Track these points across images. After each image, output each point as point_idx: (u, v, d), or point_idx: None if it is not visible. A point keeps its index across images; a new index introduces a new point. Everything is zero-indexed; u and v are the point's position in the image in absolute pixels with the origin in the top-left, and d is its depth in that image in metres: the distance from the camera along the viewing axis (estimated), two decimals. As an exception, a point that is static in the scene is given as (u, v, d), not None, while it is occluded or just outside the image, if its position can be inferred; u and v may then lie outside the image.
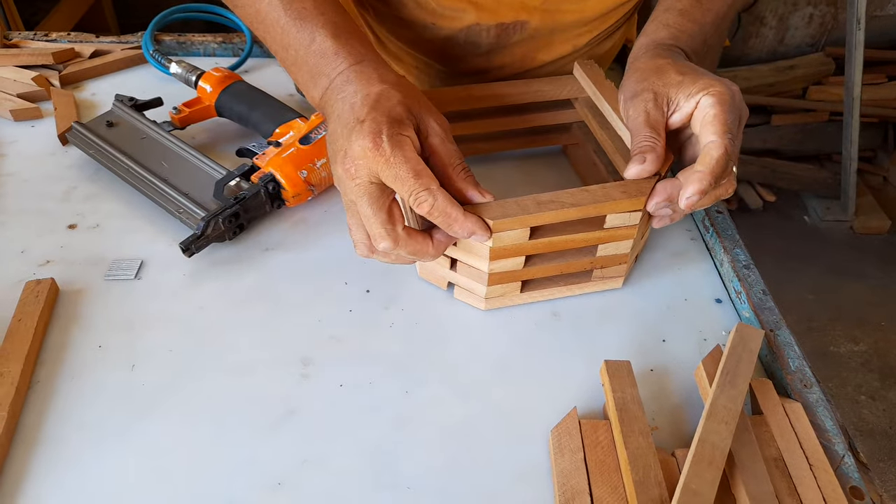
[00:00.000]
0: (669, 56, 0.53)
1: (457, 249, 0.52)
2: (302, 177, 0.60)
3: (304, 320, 0.54)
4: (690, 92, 0.49)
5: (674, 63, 0.52)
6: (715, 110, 0.48)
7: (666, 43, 0.56)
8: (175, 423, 0.46)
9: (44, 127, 0.72)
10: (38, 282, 0.53)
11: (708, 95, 0.49)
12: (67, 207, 0.62)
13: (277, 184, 0.60)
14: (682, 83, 0.50)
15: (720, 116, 0.48)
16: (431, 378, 0.50)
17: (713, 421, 0.44)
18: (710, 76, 0.50)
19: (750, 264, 0.59)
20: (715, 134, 0.48)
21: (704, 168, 0.47)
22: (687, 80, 0.50)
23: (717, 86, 0.49)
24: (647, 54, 0.55)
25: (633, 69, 0.54)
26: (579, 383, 0.51)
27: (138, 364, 0.50)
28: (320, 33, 0.50)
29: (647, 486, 0.42)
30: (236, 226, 0.59)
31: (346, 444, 0.46)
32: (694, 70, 0.51)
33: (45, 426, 0.46)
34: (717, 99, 0.48)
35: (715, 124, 0.48)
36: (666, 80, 0.51)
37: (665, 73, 0.51)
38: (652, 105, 0.51)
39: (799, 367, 0.51)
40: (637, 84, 0.52)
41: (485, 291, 0.53)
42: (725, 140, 0.47)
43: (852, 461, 0.46)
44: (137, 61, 0.82)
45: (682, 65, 0.52)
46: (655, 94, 0.51)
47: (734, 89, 0.50)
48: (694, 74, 0.50)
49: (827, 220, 2.10)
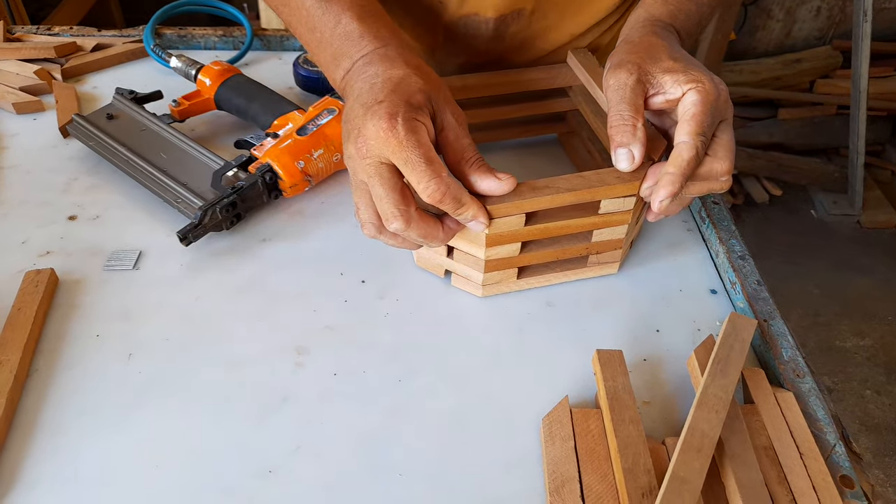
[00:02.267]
0: (664, 36, 0.52)
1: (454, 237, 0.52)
2: (299, 167, 0.61)
3: (299, 310, 0.54)
4: (679, 80, 0.49)
5: (668, 46, 0.51)
6: (696, 109, 0.47)
7: (663, 20, 0.55)
8: (170, 412, 0.47)
9: (45, 120, 0.72)
10: (38, 272, 0.54)
11: (694, 91, 0.48)
12: (68, 199, 0.63)
13: (274, 174, 0.60)
14: (671, 69, 0.49)
15: (698, 117, 0.47)
16: (425, 367, 0.51)
17: (703, 409, 0.44)
18: (702, 69, 0.50)
19: (745, 255, 0.59)
20: (688, 135, 0.47)
21: (675, 170, 0.47)
22: (678, 66, 0.49)
23: (705, 82, 0.48)
24: (642, 29, 0.54)
25: (624, 41, 0.53)
26: (572, 372, 0.51)
27: (135, 353, 0.50)
28: (346, 16, 0.50)
29: (636, 474, 0.42)
30: (233, 215, 0.59)
31: (338, 432, 0.46)
32: (686, 58, 0.51)
33: (43, 414, 0.46)
34: (701, 97, 0.47)
35: (691, 123, 0.47)
36: (656, 59, 0.50)
37: (656, 52, 0.50)
38: (634, 80, 0.49)
39: (792, 356, 0.51)
40: (625, 55, 0.51)
41: (482, 278, 0.54)
42: (697, 142, 0.47)
43: (843, 450, 0.46)
44: (139, 55, 0.83)
45: (675, 50, 0.51)
46: (640, 70, 0.49)
47: (721, 88, 0.49)
48: (686, 62, 0.50)
49: (834, 214, 2.09)
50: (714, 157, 0.49)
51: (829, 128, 2.14)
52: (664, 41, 0.52)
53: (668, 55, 0.50)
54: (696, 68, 0.50)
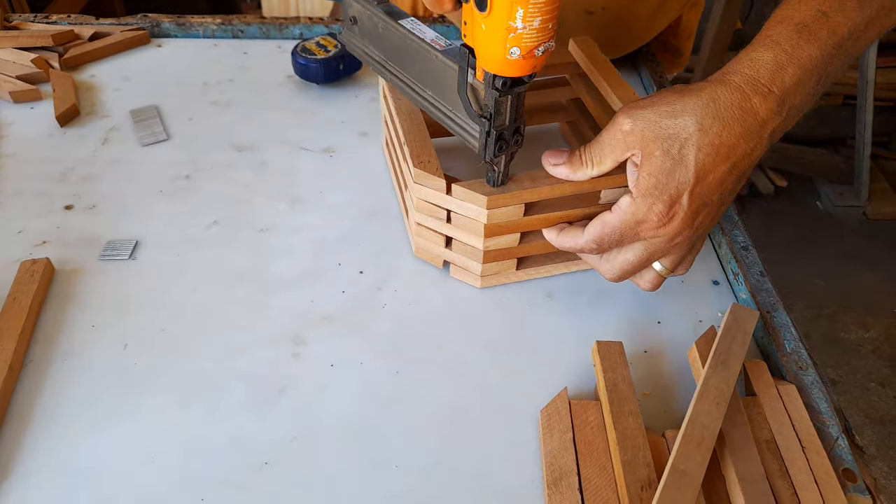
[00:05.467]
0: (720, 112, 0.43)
1: (451, 227, 0.52)
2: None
3: (296, 301, 0.54)
4: (634, 179, 0.45)
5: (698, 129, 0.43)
6: (610, 216, 0.46)
7: (759, 81, 0.43)
8: (167, 403, 0.47)
9: (42, 109, 0.72)
10: (34, 261, 0.53)
11: (628, 197, 0.46)
12: (65, 188, 0.63)
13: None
14: (649, 168, 0.44)
15: (604, 226, 0.47)
16: (422, 358, 0.50)
17: (704, 401, 0.43)
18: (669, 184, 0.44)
19: (748, 245, 0.58)
20: (587, 233, 0.48)
21: (558, 237, 0.50)
22: (655, 172, 0.44)
23: (644, 200, 0.44)
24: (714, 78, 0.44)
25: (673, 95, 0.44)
26: (571, 364, 0.50)
27: (131, 344, 0.50)
28: None
29: (636, 467, 0.41)
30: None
31: (335, 424, 0.46)
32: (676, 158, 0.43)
33: (38, 404, 0.46)
34: (622, 210, 0.45)
35: (597, 226, 0.47)
36: (650, 152, 0.44)
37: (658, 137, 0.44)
38: (623, 148, 0.45)
39: (795, 348, 0.50)
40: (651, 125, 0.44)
41: (480, 269, 0.53)
42: (585, 246, 0.48)
43: (846, 444, 0.45)
44: (137, 42, 0.82)
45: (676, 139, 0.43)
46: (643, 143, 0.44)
47: (650, 217, 0.44)
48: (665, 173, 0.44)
49: (839, 205, 2.07)
50: (605, 262, 0.49)
51: (834, 118, 2.11)
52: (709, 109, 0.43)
53: (662, 150, 0.43)
54: (661, 181, 0.44)
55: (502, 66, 0.42)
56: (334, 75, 0.73)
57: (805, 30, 0.43)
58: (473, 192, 0.48)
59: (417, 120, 0.54)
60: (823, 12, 0.43)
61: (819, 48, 0.43)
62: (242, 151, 0.68)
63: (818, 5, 0.44)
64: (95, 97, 0.74)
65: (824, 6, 0.43)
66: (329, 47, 0.73)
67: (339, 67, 0.72)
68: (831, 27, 0.43)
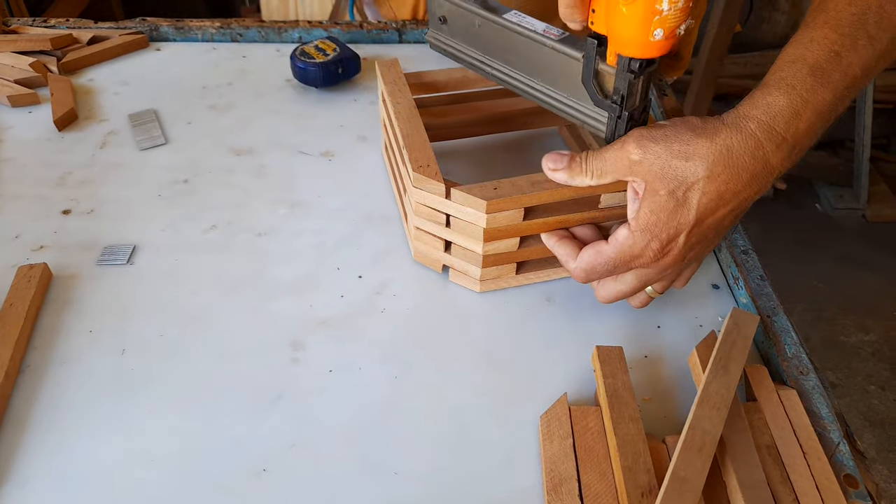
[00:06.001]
0: (724, 157, 0.42)
1: (451, 231, 0.52)
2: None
3: (295, 306, 0.53)
4: (636, 209, 0.45)
5: (706, 174, 0.43)
6: (607, 248, 0.46)
7: (775, 129, 0.42)
8: (164, 408, 0.46)
9: (41, 113, 0.72)
10: (31, 266, 0.53)
11: (625, 229, 0.46)
12: (62, 193, 0.62)
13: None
14: (650, 202, 0.44)
15: (599, 256, 0.47)
16: (421, 363, 0.50)
17: (705, 407, 0.43)
18: (672, 219, 0.44)
19: (748, 249, 0.58)
20: (582, 260, 0.48)
21: (560, 248, 0.50)
22: (655, 208, 0.44)
23: (643, 234, 0.44)
24: (724, 119, 0.43)
25: (684, 122, 0.44)
26: (572, 369, 0.50)
27: (129, 349, 0.50)
28: None
29: (636, 473, 0.41)
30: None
31: (333, 430, 0.46)
32: (678, 200, 0.43)
33: (36, 410, 0.46)
34: (620, 242, 0.46)
35: (592, 255, 0.47)
36: (654, 190, 0.44)
37: (673, 173, 0.43)
38: (627, 168, 0.45)
39: (795, 353, 0.50)
40: (656, 154, 0.44)
41: (479, 273, 0.53)
42: (580, 272, 0.48)
43: (847, 449, 0.45)
44: (136, 46, 0.82)
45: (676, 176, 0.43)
46: (647, 175, 0.44)
47: (646, 253, 0.45)
48: (667, 210, 0.44)
49: (839, 208, 2.07)
50: (599, 286, 0.50)
51: (834, 121, 2.11)
52: (721, 156, 0.42)
53: (668, 190, 0.43)
54: (662, 215, 0.44)
55: (644, 48, 0.42)
56: (333, 79, 0.73)
57: (819, 72, 0.42)
58: (472, 196, 0.48)
59: (416, 124, 0.54)
60: (836, 52, 0.43)
61: (832, 91, 0.42)
62: (241, 155, 0.67)
63: (831, 45, 0.43)
64: (94, 101, 0.74)
65: (837, 45, 0.43)
66: (328, 51, 0.72)
67: (337, 71, 0.72)
68: (844, 68, 0.43)
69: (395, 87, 0.58)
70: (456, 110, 0.64)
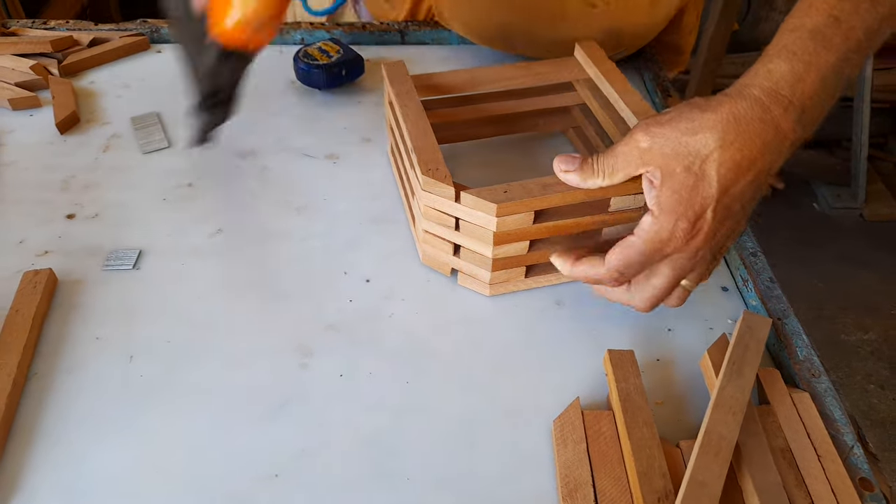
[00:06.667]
0: (752, 119, 0.42)
1: (460, 235, 0.51)
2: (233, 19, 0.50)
3: (303, 310, 0.53)
4: (656, 196, 0.44)
5: (718, 141, 0.42)
6: (633, 239, 0.45)
7: (779, 93, 0.42)
8: (173, 415, 0.46)
9: (42, 116, 0.71)
10: (36, 272, 0.52)
11: (650, 216, 0.44)
12: (66, 197, 0.62)
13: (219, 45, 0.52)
14: (668, 187, 0.43)
15: (626, 251, 0.45)
16: (432, 368, 0.50)
17: (720, 411, 0.43)
18: (694, 199, 0.43)
19: (757, 252, 0.58)
20: (609, 260, 0.46)
21: (576, 271, 0.49)
22: (674, 188, 0.43)
23: (666, 219, 0.43)
24: (729, 92, 0.44)
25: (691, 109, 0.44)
26: (583, 373, 0.50)
27: (136, 356, 0.49)
28: None
29: (651, 478, 0.41)
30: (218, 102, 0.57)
31: (344, 435, 0.45)
32: (696, 180, 0.43)
33: (43, 419, 0.45)
34: (646, 230, 0.44)
35: (618, 254, 0.46)
36: (670, 173, 0.43)
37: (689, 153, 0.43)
38: (639, 163, 0.45)
39: (807, 356, 0.50)
40: (667, 143, 0.44)
41: (489, 277, 0.53)
42: (606, 275, 0.47)
43: (861, 452, 0.45)
44: (137, 48, 0.81)
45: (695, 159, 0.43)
46: (661, 164, 0.44)
47: (676, 234, 0.43)
48: (688, 188, 0.43)
49: (836, 207, 2.08)
50: (636, 292, 0.48)
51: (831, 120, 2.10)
52: (731, 125, 0.42)
53: (684, 167, 0.43)
54: (685, 196, 0.43)
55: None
56: (337, 81, 0.73)
57: (819, 36, 0.42)
58: (483, 199, 0.47)
59: (425, 126, 0.53)
60: (836, 17, 0.43)
61: (835, 54, 0.42)
62: (245, 158, 0.67)
63: (830, 10, 0.43)
64: (95, 104, 0.73)
65: (836, 10, 0.43)
66: (331, 53, 0.72)
67: (341, 73, 0.72)
68: (845, 32, 0.42)
69: (403, 89, 0.57)
70: (461, 112, 0.64)
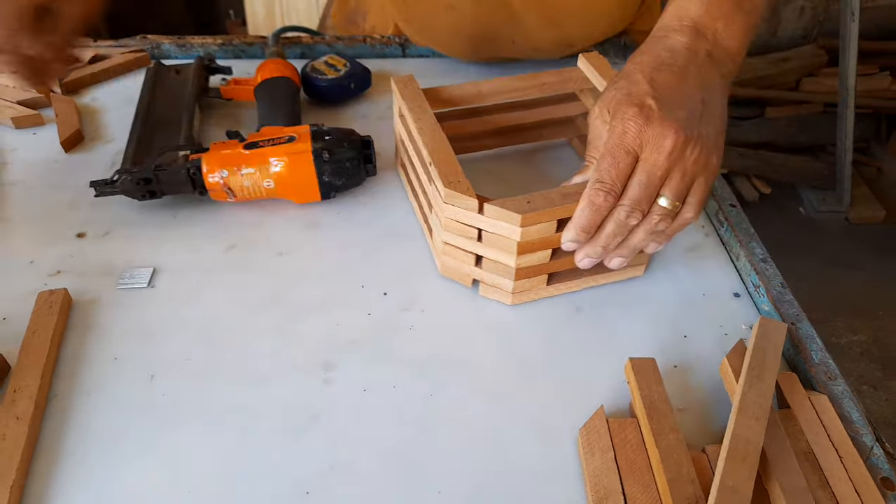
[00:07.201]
0: (651, 49, 0.49)
1: (482, 245, 0.52)
2: (221, 176, 0.59)
3: (322, 325, 0.53)
4: (593, 113, 0.49)
5: (628, 71, 0.49)
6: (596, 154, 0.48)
7: (669, 26, 0.49)
8: (198, 434, 0.46)
9: (46, 134, 0.70)
10: (51, 292, 0.52)
11: (591, 121, 0.49)
12: (75, 215, 0.61)
13: (199, 172, 0.59)
14: (613, 99, 0.48)
15: (597, 163, 0.47)
16: (455, 379, 0.50)
17: (744, 416, 0.44)
18: (631, 96, 0.47)
19: (767, 258, 0.59)
20: (588, 185, 0.47)
21: (572, 219, 0.48)
22: (614, 98, 0.48)
23: (615, 119, 0.47)
24: (646, 44, 0.50)
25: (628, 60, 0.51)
26: (603, 381, 0.50)
27: (157, 374, 0.49)
28: None
29: (681, 484, 0.41)
30: (146, 190, 0.59)
31: (373, 449, 0.45)
32: (619, 76, 0.49)
33: (66, 441, 0.45)
34: (605, 139, 0.47)
35: (592, 172, 0.47)
36: (615, 90, 0.48)
37: (620, 81, 0.49)
38: (600, 121, 0.49)
39: (822, 359, 0.51)
40: (609, 85, 0.50)
41: (512, 286, 0.53)
42: (590, 190, 0.47)
43: (881, 452, 0.45)
44: (138, 64, 0.81)
45: (632, 74, 0.48)
46: (603, 106, 0.49)
47: (628, 126, 0.46)
48: (622, 93, 0.47)
49: (822, 211, 2.11)
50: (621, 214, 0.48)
51: (815, 125, 2.16)
52: (643, 57, 0.49)
53: (625, 80, 0.48)
54: (611, 95, 0.48)
55: None
56: (345, 94, 0.73)
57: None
58: (507, 210, 0.48)
59: (441, 139, 0.54)
60: None
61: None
62: (254, 173, 0.67)
63: None
64: (99, 121, 0.73)
65: None
66: (339, 66, 0.72)
67: (350, 86, 0.72)
68: None
69: (415, 103, 0.58)
70: (468, 124, 0.65)
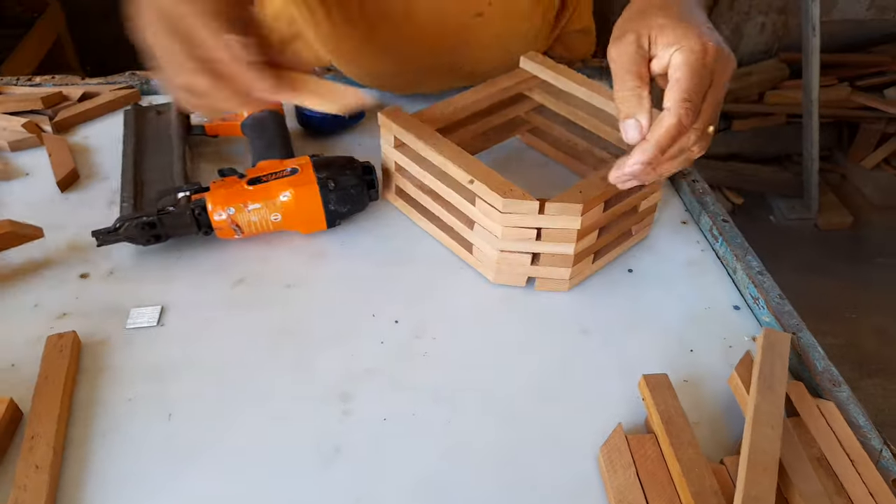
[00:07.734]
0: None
1: (541, 243, 0.55)
2: (228, 213, 0.59)
3: (336, 356, 0.53)
4: (667, 41, 0.47)
5: (662, 5, 0.50)
6: (678, 73, 0.46)
7: None
8: (219, 472, 0.45)
9: (40, 174, 0.70)
10: (61, 336, 0.51)
11: (678, 52, 0.46)
12: (77, 256, 0.61)
13: (205, 212, 0.59)
14: (663, 27, 0.48)
15: (681, 82, 0.46)
16: (471, 404, 0.50)
17: (760, 426, 0.45)
18: (691, 24, 0.48)
19: (763, 270, 0.61)
20: (671, 101, 0.46)
21: (651, 138, 0.47)
22: (668, 25, 0.48)
23: (690, 40, 0.46)
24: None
25: (625, 10, 0.52)
26: (616, 398, 0.51)
27: (173, 414, 0.49)
28: None
29: (705, 497, 0.42)
30: (151, 235, 0.59)
31: (396, 479, 0.45)
32: (678, 15, 0.48)
33: (86, 487, 0.44)
34: (684, 59, 0.46)
35: (675, 90, 0.46)
36: (649, 21, 0.49)
37: (648, 14, 0.49)
38: (634, 48, 0.48)
39: (825, 367, 0.53)
40: (624, 23, 0.51)
41: (569, 273, 0.57)
42: (680, 109, 0.46)
43: (890, 455, 0.47)
44: (128, 101, 0.81)
45: (670, 7, 0.49)
46: (637, 36, 0.49)
47: (708, 45, 0.46)
48: (676, 20, 0.48)
49: (791, 218, 2.17)
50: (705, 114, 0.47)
51: (780, 136, 2.23)
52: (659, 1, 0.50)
53: (661, 13, 0.49)
54: (684, 24, 0.48)
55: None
56: (339, 124, 0.74)
57: None
58: (567, 203, 0.53)
59: (468, 157, 0.56)
60: None
61: None
62: (254, 206, 0.67)
63: None
64: (92, 159, 0.72)
65: None
66: (333, 99, 0.73)
67: (345, 117, 0.73)
68: None
69: (418, 130, 0.59)
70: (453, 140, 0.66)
